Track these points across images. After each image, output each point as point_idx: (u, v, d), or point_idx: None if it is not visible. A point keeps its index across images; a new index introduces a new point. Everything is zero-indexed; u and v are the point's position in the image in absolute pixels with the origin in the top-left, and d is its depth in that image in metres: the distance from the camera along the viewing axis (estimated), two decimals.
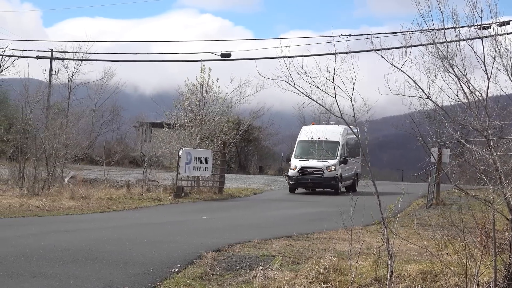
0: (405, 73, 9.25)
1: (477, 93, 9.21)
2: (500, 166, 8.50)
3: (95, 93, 63.05)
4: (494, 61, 9.13)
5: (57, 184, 27.19)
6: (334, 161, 33.31)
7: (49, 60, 56.10)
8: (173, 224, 18.42)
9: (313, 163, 33.36)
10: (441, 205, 23.98)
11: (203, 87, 32.48)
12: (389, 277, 8.70)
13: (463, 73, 9.29)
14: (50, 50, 54.10)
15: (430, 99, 9.39)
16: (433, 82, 9.49)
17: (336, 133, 34.49)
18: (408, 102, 9.95)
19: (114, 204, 23.78)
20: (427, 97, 9.38)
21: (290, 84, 9.35)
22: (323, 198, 31.09)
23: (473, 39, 9.69)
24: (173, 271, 10.57)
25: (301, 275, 9.82)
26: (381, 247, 9.67)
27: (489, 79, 9.09)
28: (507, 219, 9.19)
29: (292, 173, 33.78)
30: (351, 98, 9.07)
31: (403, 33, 10.26)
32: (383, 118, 76.15)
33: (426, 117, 11.30)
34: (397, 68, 9.23)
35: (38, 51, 43.41)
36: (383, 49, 9.58)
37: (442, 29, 9.62)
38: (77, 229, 15.93)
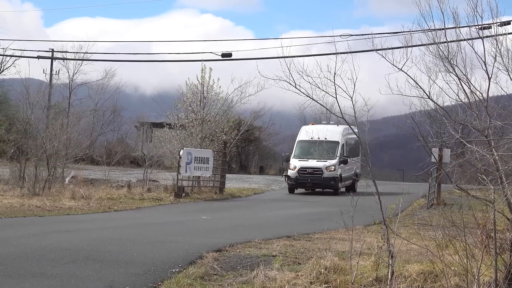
0: (406, 73, 9.25)
1: (478, 93, 9.21)
2: (501, 166, 8.50)
3: (96, 93, 63.00)
4: (495, 61, 9.14)
5: (58, 184, 27.18)
6: (333, 161, 33.12)
7: (50, 60, 56.15)
8: (174, 224, 18.42)
9: (312, 163, 33.11)
10: (442, 205, 23.97)
11: (203, 87, 32.48)
12: (390, 277, 8.69)
13: (464, 73, 9.30)
14: (51, 50, 54.19)
15: (430, 99, 9.39)
16: (434, 82, 9.50)
17: (335, 133, 34.36)
18: (408, 102, 9.96)
19: (115, 204, 23.79)
20: (427, 97, 9.38)
21: (291, 84, 9.34)
22: (323, 198, 31.06)
23: (474, 39, 9.70)
24: (174, 271, 10.58)
25: (302, 275, 9.82)
26: (382, 247, 9.66)
27: (490, 79, 9.09)
28: (508, 219, 9.19)
29: (291, 173, 33.58)
30: (352, 98, 9.06)
31: (403, 33, 10.27)
32: (384, 118, 76.11)
33: (427, 117, 11.30)
34: (398, 68, 9.23)
35: (39, 51, 43.63)
36: (383, 49, 9.58)
37: (443, 29, 9.62)
38: (78, 229, 15.93)
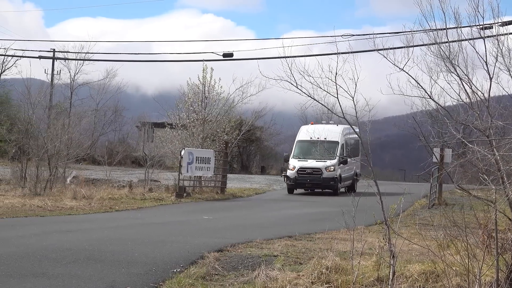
0: (407, 73, 9.26)
1: (479, 93, 9.21)
2: (502, 166, 8.50)
3: (97, 93, 63.05)
4: (496, 61, 9.14)
5: (59, 184, 27.18)
6: (333, 161, 32.92)
7: (51, 60, 56.21)
8: (175, 224, 18.42)
9: (311, 163, 32.86)
10: (443, 205, 23.94)
11: (205, 87, 32.48)
12: (391, 277, 8.69)
13: (465, 73, 9.30)
14: (52, 50, 54.27)
15: (432, 99, 9.40)
16: (435, 82, 9.51)
17: (335, 132, 34.13)
18: (410, 102, 9.98)
19: (116, 204, 23.79)
20: (429, 97, 9.38)
21: (292, 84, 9.34)
22: (324, 198, 31.05)
23: (475, 39, 9.71)
24: (175, 271, 10.57)
25: (303, 275, 9.82)
26: (383, 247, 9.65)
27: (491, 79, 9.09)
28: (509, 219, 9.20)
29: (290, 174, 33.31)
30: (353, 98, 9.05)
31: (405, 33, 10.28)
32: (385, 118, 76.12)
33: (428, 117, 11.33)
34: (399, 68, 9.24)
35: (40, 51, 43.74)
36: (385, 49, 9.58)
37: (444, 29, 9.63)
38: (79, 229, 15.93)
